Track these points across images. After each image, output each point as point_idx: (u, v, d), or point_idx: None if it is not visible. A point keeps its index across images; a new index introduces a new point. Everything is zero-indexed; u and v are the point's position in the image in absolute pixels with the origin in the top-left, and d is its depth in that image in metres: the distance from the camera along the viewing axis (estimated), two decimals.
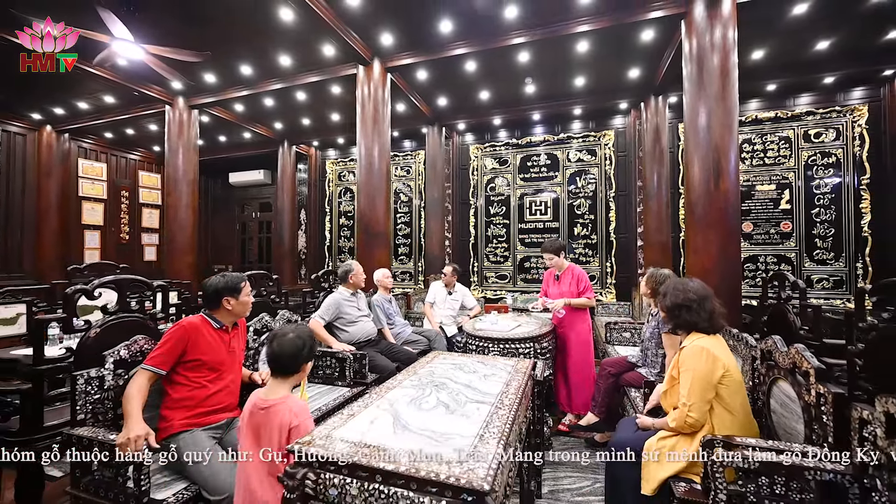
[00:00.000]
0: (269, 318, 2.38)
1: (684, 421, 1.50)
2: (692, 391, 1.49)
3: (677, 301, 1.68)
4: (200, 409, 1.65)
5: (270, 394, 1.34)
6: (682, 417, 1.50)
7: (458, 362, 1.93)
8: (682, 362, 1.58)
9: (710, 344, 1.56)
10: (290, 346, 1.34)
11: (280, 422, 1.26)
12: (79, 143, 6.77)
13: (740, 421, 1.54)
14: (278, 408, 1.28)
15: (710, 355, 1.52)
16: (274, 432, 1.25)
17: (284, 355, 1.34)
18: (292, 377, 1.38)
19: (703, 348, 1.54)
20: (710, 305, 1.65)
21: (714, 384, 1.50)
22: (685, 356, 1.58)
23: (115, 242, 7.28)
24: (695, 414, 1.48)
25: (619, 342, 3.68)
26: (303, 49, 4.23)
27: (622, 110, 5.76)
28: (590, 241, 6.05)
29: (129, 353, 1.64)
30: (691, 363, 1.53)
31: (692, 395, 1.49)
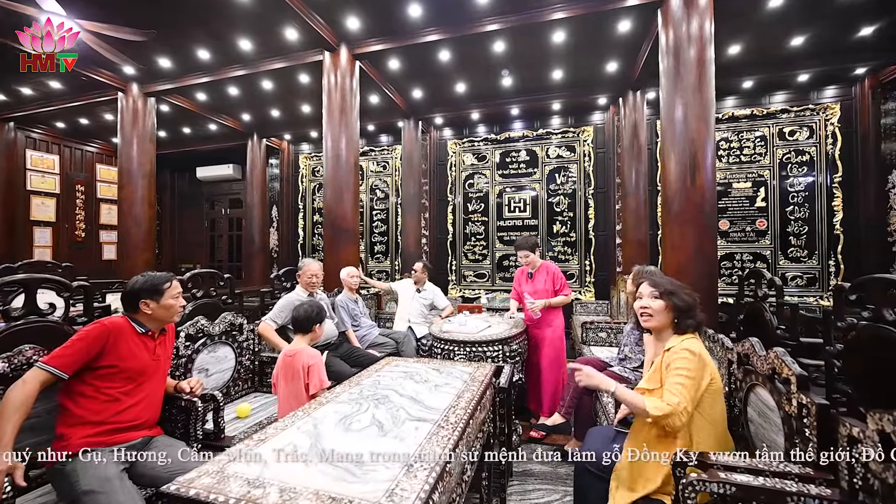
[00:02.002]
0: (205, 321, 2.13)
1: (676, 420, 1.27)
2: (687, 393, 1.31)
3: (688, 300, 1.51)
4: (109, 426, 1.40)
5: (295, 346, 1.93)
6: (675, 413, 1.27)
7: (410, 370, 1.74)
8: (671, 363, 1.40)
9: (699, 347, 1.40)
10: (304, 312, 1.95)
11: (301, 363, 1.81)
12: (27, 132, 6.28)
13: (718, 433, 1.39)
14: (300, 354, 1.84)
15: (703, 361, 1.36)
16: (299, 371, 1.80)
17: (300, 318, 1.94)
18: (308, 335, 1.95)
19: (696, 353, 1.37)
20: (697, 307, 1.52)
21: (701, 392, 1.34)
22: (674, 358, 1.40)
23: (69, 240, 6.80)
24: (685, 419, 1.29)
25: (594, 342, 3.56)
26: (264, 33, 3.96)
27: (601, 106, 5.66)
28: (569, 239, 5.94)
29: (9, 365, 1.38)
30: (682, 364, 1.36)
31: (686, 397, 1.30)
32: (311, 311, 1.95)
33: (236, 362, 2.30)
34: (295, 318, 1.96)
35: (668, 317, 1.52)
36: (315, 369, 1.84)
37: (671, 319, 1.52)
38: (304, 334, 1.94)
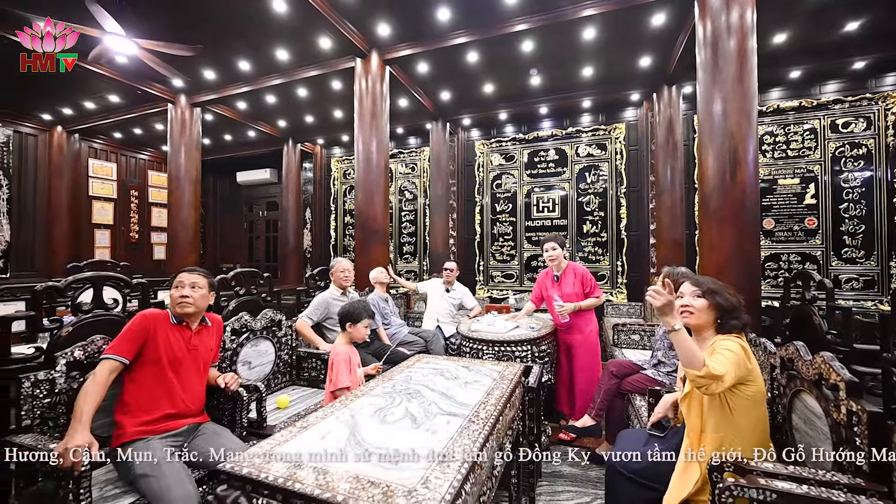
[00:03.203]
0: (248, 317, 2.27)
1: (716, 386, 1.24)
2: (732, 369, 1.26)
3: (736, 301, 1.47)
4: (157, 414, 1.53)
5: (336, 342, 2.10)
6: (720, 378, 1.23)
7: (440, 367, 1.78)
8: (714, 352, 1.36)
9: (744, 342, 1.37)
10: (342, 310, 2.09)
11: (330, 360, 1.97)
12: (89, 143, 6.87)
13: (757, 438, 1.34)
14: (332, 350, 2.01)
15: (746, 357, 1.32)
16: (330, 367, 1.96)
17: (339, 315, 2.10)
18: (344, 332, 2.07)
19: (741, 349, 1.33)
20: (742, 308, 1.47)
21: (742, 376, 1.29)
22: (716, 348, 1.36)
23: (125, 241, 7.37)
24: (722, 369, 1.24)
25: (626, 345, 3.47)
26: (299, 42, 4.14)
27: (633, 102, 5.50)
28: (599, 239, 5.81)
29: (84, 353, 1.54)
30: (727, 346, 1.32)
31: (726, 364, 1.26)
32: (344, 310, 2.05)
33: (276, 356, 2.43)
34: (338, 315, 2.10)
35: (710, 316, 1.47)
36: (335, 367, 1.92)
37: (713, 319, 1.47)
38: (342, 331, 2.05)
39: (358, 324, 2.02)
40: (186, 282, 1.70)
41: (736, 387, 1.32)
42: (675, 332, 1.31)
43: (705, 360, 1.26)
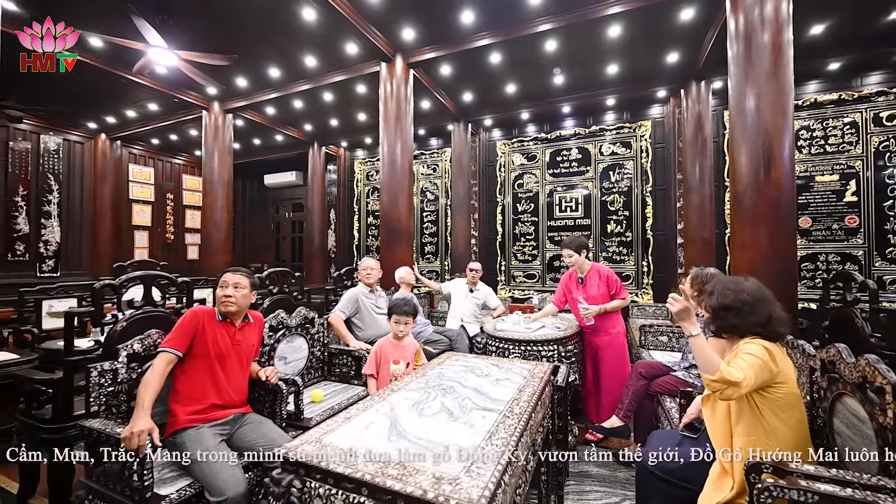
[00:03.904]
0: (284, 314, 2.38)
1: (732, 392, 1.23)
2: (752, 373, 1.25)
3: (725, 302, 1.45)
4: (206, 404, 1.64)
5: None
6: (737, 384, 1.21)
7: (470, 364, 1.82)
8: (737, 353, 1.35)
9: (770, 345, 1.34)
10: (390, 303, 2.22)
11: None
12: (129, 149, 7.27)
13: (796, 441, 1.32)
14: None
15: (772, 356, 1.30)
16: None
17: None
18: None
19: (762, 344, 1.32)
20: (768, 310, 1.40)
21: (767, 379, 1.28)
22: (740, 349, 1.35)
23: (161, 242, 7.75)
24: (740, 374, 1.22)
25: (654, 347, 3.42)
26: (327, 48, 4.27)
27: (660, 99, 5.39)
28: (624, 239, 5.71)
29: (142, 346, 1.67)
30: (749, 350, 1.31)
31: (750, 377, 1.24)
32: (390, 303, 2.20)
33: (309, 352, 2.53)
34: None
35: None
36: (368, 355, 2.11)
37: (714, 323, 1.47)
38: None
39: (390, 318, 2.10)
40: (230, 282, 1.81)
41: (765, 389, 1.30)
42: (692, 338, 1.32)
43: (720, 365, 1.25)
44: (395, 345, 2.17)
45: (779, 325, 1.41)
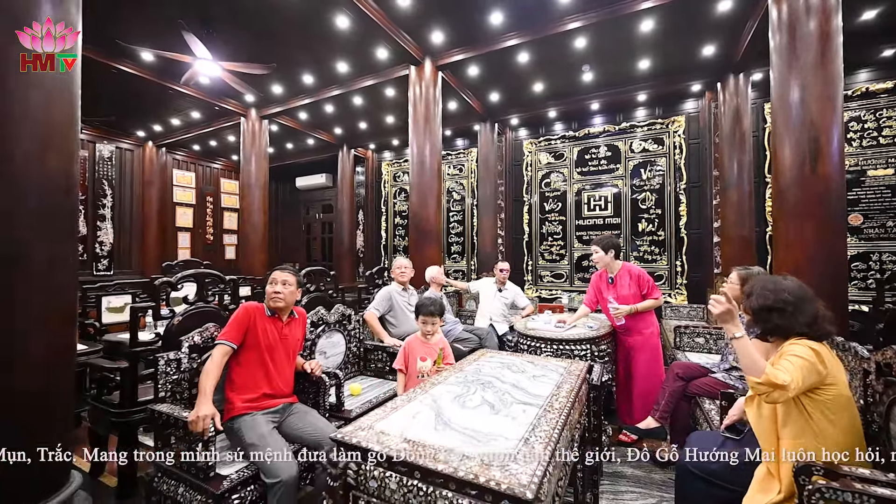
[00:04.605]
0: (324, 311, 2.49)
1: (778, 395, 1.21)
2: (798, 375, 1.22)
3: (765, 303, 1.42)
4: (258, 393, 1.76)
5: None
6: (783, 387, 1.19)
7: (506, 361, 1.86)
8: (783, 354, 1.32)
9: (818, 346, 1.31)
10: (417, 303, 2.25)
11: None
12: (173, 155, 7.72)
13: (847, 443, 1.28)
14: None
15: (815, 353, 1.27)
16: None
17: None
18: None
19: (808, 345, 1.28)
20: (812, 308, 1.36)
21: (815, 381, 1.25)
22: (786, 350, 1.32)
23: (202, 243, 8.19)
24: (787, 377, 1.20)
25: (690, 348, 3.33)
26: (358, 54, 4.40)
27: (694, 93, 5.22)
28: (656, 238, 5.57)
29: (201, 338, 1.80)
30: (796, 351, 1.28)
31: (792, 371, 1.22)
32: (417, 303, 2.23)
33: (346, 348, 2.64)
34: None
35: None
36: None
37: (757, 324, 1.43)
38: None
39: (418, 318, 2.18)
40: (279, 279, 1.92)
41: (814, 391, 1.27)
42: (736, 340, 1.31)
43: (766, 367, 1.23)
44: (423, 342, 2.21)
45: (825, 323, 1.36)
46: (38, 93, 1.45)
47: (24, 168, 1.38)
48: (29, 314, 1.39)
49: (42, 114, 1.45)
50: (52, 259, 1.46)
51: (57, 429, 1.50)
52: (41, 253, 1.42)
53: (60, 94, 1.52)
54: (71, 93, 1.57)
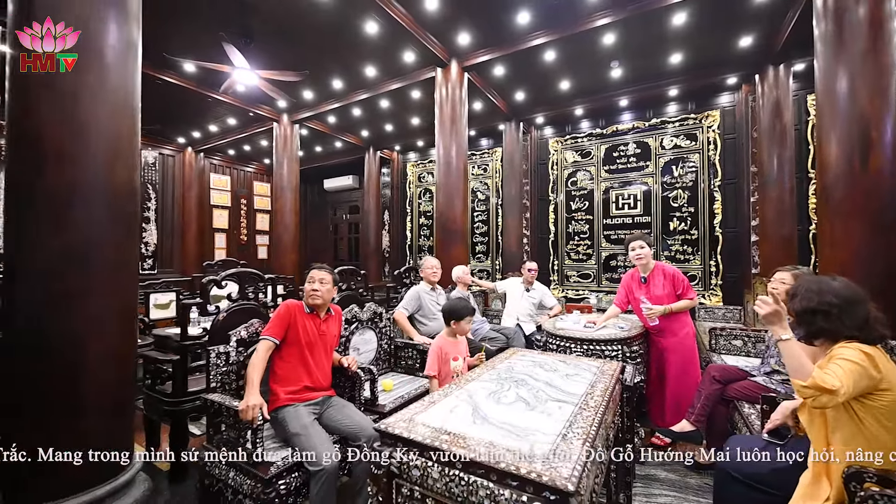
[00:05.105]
0: (357, 309, 2.58)
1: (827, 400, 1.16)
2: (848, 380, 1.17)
3: (809, 305, 1.36)
4: (300, 386, 1.85)
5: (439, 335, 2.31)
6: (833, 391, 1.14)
7: (537, 360, 1.87)
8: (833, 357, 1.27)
9: (871, 350, 1.25)
10: (447, 307, 2.28)
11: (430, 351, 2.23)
12: (210, 160, 8.12)
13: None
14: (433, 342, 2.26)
15: (868, 357, 1.22)
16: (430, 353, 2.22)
17: (444, 312, 2.29)
18: (448, 327, 2.24)
19: (860, 348, 1.23)
20: (863, 311, 1.29)
21: (868, 386, 1.20)
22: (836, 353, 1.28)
23: (236, 243, 8.57)
24: (837, 382, 1.15)
25: (727, 351, 3.22)
26: (385, 58, 4.50)
27: (730, 86, 5.02)
28: (689, 237, 5.39)
29: (247, 333, 1.92)
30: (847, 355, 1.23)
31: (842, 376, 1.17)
32: (448, 308, 2.24)
33: (378, 345, 2.72)
34: (443, 311, 2.31)
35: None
36: (429, 356, 2.19)
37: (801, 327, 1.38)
38: (447, 326, 2.24)
39: (461, 321, 2.20)
40: (316, 277, 2.01)
41: (866, 397, 1.22)
42: (783, 342, 1.27)
43: (813, 371, 1.19)
44: (452, 342, 2.25)
45: (877, 326, 1.31)
46: (106, 107, 1.58)
47: (96, 176, 1.52)
48: (101, 310, 1.53)
49: (109, 126, 1.58)
50: (119, 260, 1.60)
51: (124, 414, 1.64)
52: (109, 254, 1.56)
53: (124, 108, 1.66)
54: (132, 107, 1.71)
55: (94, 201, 1.51)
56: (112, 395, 1.58)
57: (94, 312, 1.50)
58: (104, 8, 1.59)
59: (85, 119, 1.51)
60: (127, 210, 1.66)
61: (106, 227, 1.55)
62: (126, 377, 1.67)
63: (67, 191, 1.47)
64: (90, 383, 1.49)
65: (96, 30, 1.56)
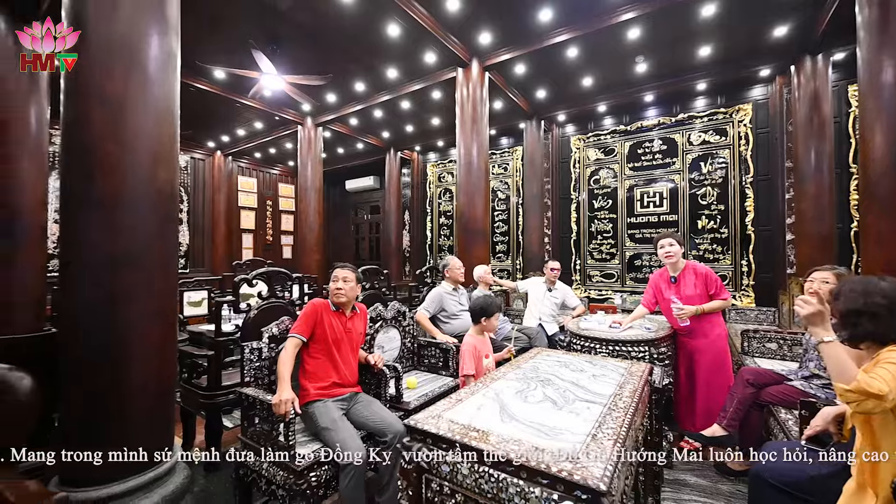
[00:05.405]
0: (382, 307, 2.62)
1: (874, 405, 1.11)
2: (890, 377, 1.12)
3: (854, 307, 1.30)
4: (328, 382, 1.90)
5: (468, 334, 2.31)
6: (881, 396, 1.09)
7: (563, 360, 1.86)
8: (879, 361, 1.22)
9: None
10: (477, 305, 2.28)
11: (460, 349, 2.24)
12: (238, 163, 8.41)
13: None
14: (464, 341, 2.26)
15: None
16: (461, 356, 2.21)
17: (474, 310, 2.28)
18: (477, 325, 2.27)
19: None
20: None
21: None
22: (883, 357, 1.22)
23: (262, 243, 8.84)
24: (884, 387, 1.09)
25: (760, 354, 3.10)
26: (407, 60, 4.54)
27: (763, 78, 4.81)
28: (718, 236, 5.21)
29: (278, 330, 1.99)
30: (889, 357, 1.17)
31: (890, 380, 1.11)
32: (478, 305, 2.25)
33: (401, 343, 2.76)
34: (470, 310, 2.31)
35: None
36: (462, 356, 2.18)
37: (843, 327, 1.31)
38: (475, 324, 2.26)
39: (491, 318, 2.22)
40: (340, 276, 2.06)
41: None
42: (825, 345, 1.21)
43: (859, 374, 1.14)
44: (481, 340, 2.29)
45: None
46: (149, 116, 1.68)
47: (141, 181, 1.62)
48: (146, 307, 1.62)
49: (152, 134, 1.68)
50: (161, 259, 1.69)
51: (167, 405, 1.73)
52: (153, 254, 1.65)
53: (165, 116, 1.75)
54: (172, 114, 1.80)
55: (139, 205, 1.60)
56: (156, 387, 1.67)
57: (140, 309, 1.60)
58: (148, 22, 1.68)
59: (131, 127, 1.60)
60: (168, 212, 1.75)
61: (150, 228, 1.64)
62: (168, 370, 1.76)
63: (116, 195, 1.56)
64: (137, 375, 1.59)
65: (141, 43, 1.65)
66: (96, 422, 1.53)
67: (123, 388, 1.56)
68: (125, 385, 1.56)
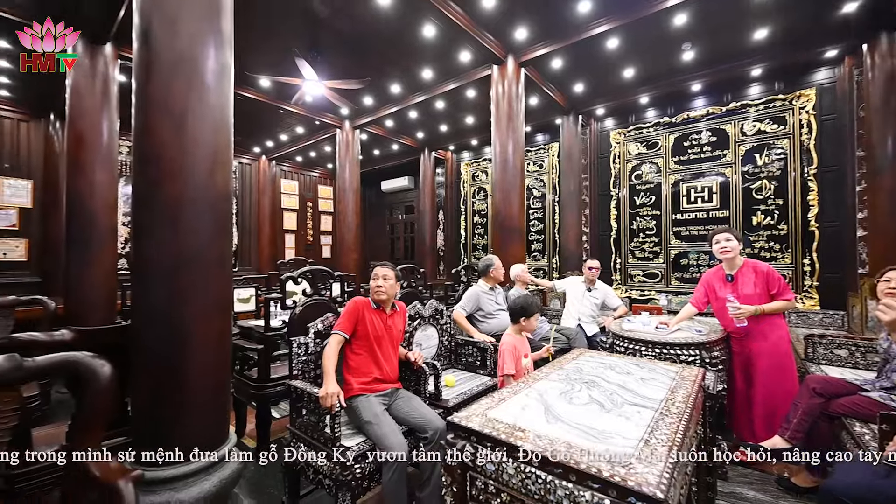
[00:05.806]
0: (420, 305, 2.66)
1: None
2: None
3: None
4: (370, 377, 1.95)
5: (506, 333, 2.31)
6: None
7: (607, 361, 1.80)
8: None
9: None
10: (517, 305, 2.26)
11: (500, 349, 2.24)
12: (281, 166, 8.82)
13: None
14: (502, 340, 2.25)
15: None
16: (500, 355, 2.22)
17: (513, 309, 2.27)
18: (516, 324, 2.25)
19: None
20: None
21: None
22: None
23: (303, 243, 9.22)
24: None
25: (827, 361, 2.84)
26: (442, 60, 4.57)
27: (828, 60, 4.40)
28: (776, 233, 4.82)
29: (323, 326, 2.07)
30: None
31: None
32: (518, 305, 2.24)
33: (439, 341, 2.78)
34: (510, 309, 2.31)
35: None
36: (502, 356, 2.17)
37: None
38: (514, 324, 2.25)
39: (531, 318, 2.20)
40: (380, 274, 2.11)
41: None
42: None
43: None
44: (520, 340, 2.27)
45: None
46: (207, 125, 1.80)
47: (201, 186, 1.74)
48: (206, 302, 1.74)
49: (210, 141, 1.80)
50: (219, 258, 1.81)
51: (223, 393, 1.85)
52: (212, 253, 1.77)
53: (221, 124, 1.87)
54: (227, 122, 1.92)
55: (200, 208, 1.72)
56: (213, 376, 1.79)
57: (201, 303, 1.72)
58: (206, 36, 1.80)
59: (192, 136, 1.73)
60: (224, 215, 1.87)
61: (209, 230, 1.76)
62: (224, 361, 1.88)
63: (179, 199, 1.69)
64: (198, 364, 1.71)
65: (199, 56, 1.78)
66: (162, 409, 1.66)
67: (187, 374, 1.68)
68: (188, 372, 1.68)
